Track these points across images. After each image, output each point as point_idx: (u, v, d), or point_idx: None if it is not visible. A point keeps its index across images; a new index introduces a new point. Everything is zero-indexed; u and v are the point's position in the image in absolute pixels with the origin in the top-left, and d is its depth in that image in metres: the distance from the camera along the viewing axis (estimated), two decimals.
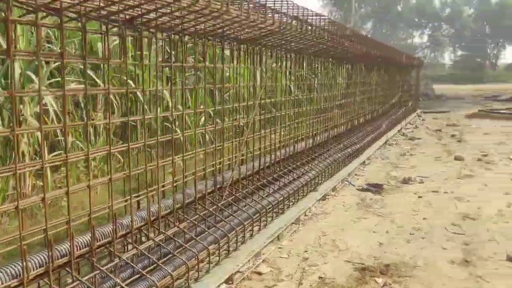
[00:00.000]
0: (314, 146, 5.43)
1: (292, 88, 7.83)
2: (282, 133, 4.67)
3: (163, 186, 2.70)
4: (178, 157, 2.73)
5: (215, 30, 2.74)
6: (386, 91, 10.19)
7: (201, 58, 4.03)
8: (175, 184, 2.83)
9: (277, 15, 3.36)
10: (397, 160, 6.88)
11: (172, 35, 2.52)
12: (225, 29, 2.76)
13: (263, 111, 5.00)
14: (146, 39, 2.51)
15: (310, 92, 6.87)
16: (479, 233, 3.66)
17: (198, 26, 2.56)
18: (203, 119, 5.85)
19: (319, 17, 4.27)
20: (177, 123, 5.67)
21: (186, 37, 2.71)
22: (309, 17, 4.09)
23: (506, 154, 7.35)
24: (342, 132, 6.62)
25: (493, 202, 4.56)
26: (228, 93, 6.29)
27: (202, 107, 5.46)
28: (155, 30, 2.36)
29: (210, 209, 3.01)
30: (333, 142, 6.16)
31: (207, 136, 5.60)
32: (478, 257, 3.17)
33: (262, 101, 4.48)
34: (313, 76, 8.38)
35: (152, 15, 2.18)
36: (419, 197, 4.75)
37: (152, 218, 2.51)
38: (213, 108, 3.52)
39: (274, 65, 4.26)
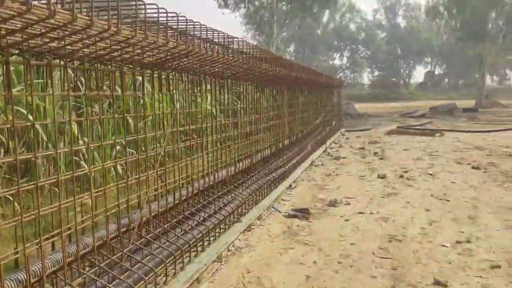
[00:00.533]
0: (238, 172, 5.18)
1: (214, 113, 7.59)
2: (203, 161, 4.36)
3: (52, 237, 2.27)
4: (66, 202, 2.31)
5: (109, 53, 2.41)
6: (310, 112, 10.29)
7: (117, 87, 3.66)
8: (68, 232, 2.41)
9: (185, 37, 3.10)
10: (323, 181, 6.83)
11: (53, 60, 2.14)
12: (122, 52, 2.43)
13: (186, 138, 4.70)
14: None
15: (234, 116, 6.69)
16: (406, 256, 3.57)
17: (86, 49, 2.21)
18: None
19: (231, 38, 4.08)
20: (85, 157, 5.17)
21: (75, 62, 2.35)
22: (223, 40, 3.89)
23: (424, 169, 7.62)
24: (267, 155, 6.45)
25: (416, 220, 4.57)
26: (143, 122, 5.90)
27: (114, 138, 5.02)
28: (28, 54, 1.98)
29: (114, 258, 2.61)
30: (258, 167, 5.96)
31: (118, 170, 5.14)
32: (406, 284, 3.05)
33: (179, 129, 4.16)
34: (236, 100, 8.21)
35: (20, 35, 1.81)
36: (346, 220, 4.65)
37: (35, 279, 2.07)
38: (111, 141, 3.10)
39: (186, 89, 3.97)
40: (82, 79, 5.15)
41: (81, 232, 2.54)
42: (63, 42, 2.08)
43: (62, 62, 2.29)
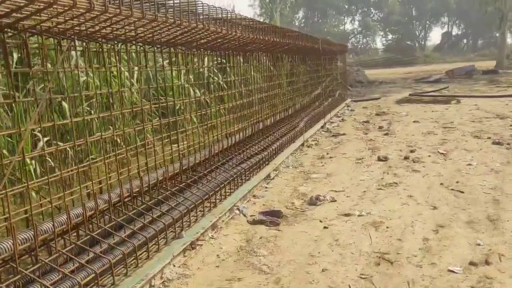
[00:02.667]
0: (190, 167, 4.13)
1: (191, 89, 6.55)
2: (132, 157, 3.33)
3: None
4: None
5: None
6: (305, 83, 9.09)
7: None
8: None
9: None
10: (312, 167, 5.73)
11: None
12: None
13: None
14: None
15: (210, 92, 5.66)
16: None
17: None
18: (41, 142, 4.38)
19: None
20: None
21: None
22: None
23: (435, 147, 6.44)
24: (240, 140, 5.36)
25: (418, 226, 3.47)
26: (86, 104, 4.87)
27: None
28: None
29: None
30: (228, 155, 4.90)
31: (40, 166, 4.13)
32: None
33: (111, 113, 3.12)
34: (216, 73, 7.08)
35: None
36: (325, 227, 3.57)
37: None
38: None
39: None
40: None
41: None
42: None
43: None
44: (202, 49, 4.26)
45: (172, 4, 3.33)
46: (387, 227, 3.48)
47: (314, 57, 9.75)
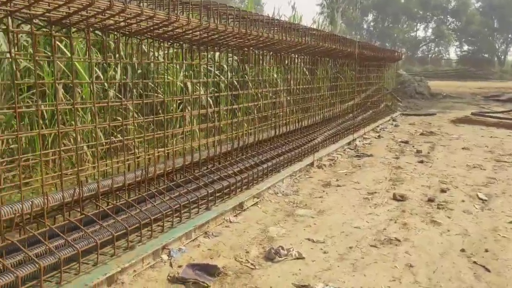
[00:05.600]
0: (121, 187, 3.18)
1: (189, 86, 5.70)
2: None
3: None
4: None
5: None
6: (334, 91, 7.86)
7: None
8: None
9: None
10: (308, 197, 4.57)
11: None
12: None
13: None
14: None
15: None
16: None
17: None
18: None
19: None
20: None
21: None
22: None
23: (475, 187, 5.02)
24: (216, 155, 4.34)
25: None
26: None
27: None
28: None
29: None
30: (186, 175, 3.90)
31: None
32: None
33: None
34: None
35: None
36: None
37: None
38: None
39: None
40: None
41: None
42: None
43: None
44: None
45: None
46: None
47: (351, 63, 8.47)
